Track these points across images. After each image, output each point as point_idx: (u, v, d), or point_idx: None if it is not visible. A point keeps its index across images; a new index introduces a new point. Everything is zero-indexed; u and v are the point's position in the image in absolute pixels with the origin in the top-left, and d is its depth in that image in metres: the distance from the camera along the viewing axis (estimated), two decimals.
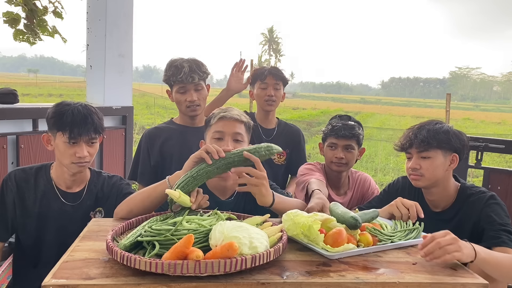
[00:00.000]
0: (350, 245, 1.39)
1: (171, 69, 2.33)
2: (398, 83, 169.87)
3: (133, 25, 3.86)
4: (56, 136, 1.81)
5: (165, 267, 1.13)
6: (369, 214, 1.65)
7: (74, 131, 1.76)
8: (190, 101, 2.34)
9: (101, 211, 1.98)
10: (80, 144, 1.80)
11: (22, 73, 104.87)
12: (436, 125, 1.91)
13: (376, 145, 12.32)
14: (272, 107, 2.77)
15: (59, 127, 1.78)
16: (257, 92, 2.76)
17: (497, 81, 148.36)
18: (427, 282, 1.25)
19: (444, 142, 1.86)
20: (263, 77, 2.73)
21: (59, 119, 1.78)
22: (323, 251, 1.37)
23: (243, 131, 1.90)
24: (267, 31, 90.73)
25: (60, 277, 1.15)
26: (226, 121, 1.87)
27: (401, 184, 2.11)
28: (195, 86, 2.34)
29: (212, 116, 1.93)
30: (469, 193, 1.90)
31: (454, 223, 1.89)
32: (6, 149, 2.74)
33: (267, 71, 2.74)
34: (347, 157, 2.30)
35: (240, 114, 1.92)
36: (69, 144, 1.78)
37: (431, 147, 1.86)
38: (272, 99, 2.73)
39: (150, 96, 26.02)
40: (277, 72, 2.75)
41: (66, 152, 1.80)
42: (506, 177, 3.01)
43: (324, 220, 1.48)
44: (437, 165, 1.87)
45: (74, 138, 1.78)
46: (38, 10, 3.16)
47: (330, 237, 1.41)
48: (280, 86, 2.77)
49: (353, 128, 2.30)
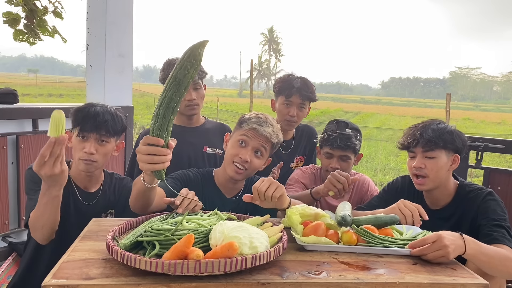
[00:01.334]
0: (322, 238, 1.46)
1: (170, 67, 2.31)
2: (398, 83, 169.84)
3: (133, 25, 3.86)
4: (72, 132, 1.87)
5: (165, 266, 1.13)
6: (382, 218, 1.63)
7: (85, 126, 1.82)
8: (189, 100, 2.33)
9: (112, 212, 2.00)
10: (90, 141, 1.83)
11: (22, 73, 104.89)
12: (440, 125, 1.91)
13: (376, 145, 12.32)
14: (291, 128, 2.63)
15: (74, 122, 1.86)
16: (280, 108, 2.59)
17: (497, 81, 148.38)
18: (427, 282, 1.25)
19: (449, 142, 1.86)
20: (289, 94, 2.52)
21: (75, 114, 1.85)
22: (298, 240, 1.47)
23: (266, 149, 1.91)
24: (267, 31, 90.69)
25: (60, 277, 1.15)
26: (256, 133, 1.88)
27: (400, 184, 2.11)
28: (194, 85, 2.33)
29: (247, 120, 1.92)
30: (468, 190, 1.90)
31: (453, 221, 1.89)
32: (6, 149, 2.74)
33: (295, 90, 2.51)
34: (342, 166, 2.29)
35: (273, 133, 1.90)
36: (79, 139, 1.83)
37: (437, 147, 1.86)
38: (294, 120, 2.55)
39: (150, 96, 26.04)
40: (305, 91, 2.53)
41: (76, 147, 1.85)
42: (506, 177, 3.00)
43: (314, 214, 1.59)
44: (441, 166, 1.86)
45: (83, 133, 1.82)
46: (38, 10, 3.16)
47: (309, 229, 1.51)
48: (306, 105, 2.59)
49: (349, 139, 2.25)
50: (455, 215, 1.90)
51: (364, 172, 8.59)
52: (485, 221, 1.75)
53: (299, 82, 2.54)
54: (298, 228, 1.54)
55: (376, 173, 8.61)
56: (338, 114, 29.22)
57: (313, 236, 1.47)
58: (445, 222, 1.90)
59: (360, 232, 1.52)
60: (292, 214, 1.57)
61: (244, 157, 1.84)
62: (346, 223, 1.56)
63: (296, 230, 1.54)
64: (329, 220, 1.61)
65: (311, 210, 1.60)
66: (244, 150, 1.87)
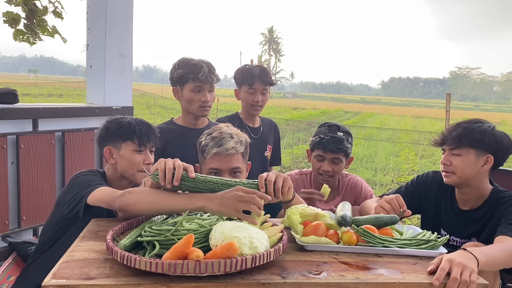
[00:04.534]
0: (322, 238, 1.46)
1: (188, 66, 2.31)
2: (398, 83, 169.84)
3: (133, 25, 3.86)
4: (117, 148, 1.88)
5: (165, 267, 1.13)
6: (382, 218, 1.64)
7: (142, 139, 1.87)
8: (204, 101, 2.34)
9: None
10: (146, 151, 1.90)
11: (22, 73, 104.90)
12: (475, 124, 1.88)
13: (376, 145, 12.30)
14: (258, 112, 2.76)
15: (122, 137, 1.88)
16: (244, 96, 2.71)
17: (497, 81, 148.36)
18: (427, 282, 1.25)
19: (476, 141, 1.84)
20: (252, 82, 2.65)
21: (119, 130, 1.89)
22: (298, 240, 1.47)
23: (240, 163, 1.83)
24: (267, 31, 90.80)
25: (60, 277, 1.15)
26: (222, 158, 1.79)
27: (430, 178, 2.08)
28: (209, 87, 2.36)
29: (206, 148, 1.82)
30: (501, 196, 1.88)
31: (480, 224, 1.88)
32: (6, 149, 2.73)
33: (256, 77, 2.64)
34: (334, 169, 2.31)
35: (236, 144, 1.80)
36: (135, 152, 1.88)
37: (462, 145, 1.85)
38: (259, 104, 2.69)
39: (150, 96, 26.05)
40: (266, 77, 2.67)
41: (134, 159, 1.87)
42: (506, 177, 3.00)
43: (314, 214, 1.59)
44: (468, 164, 1.85)
45: (140, 146, 1.88)
46: (38, 10, 3.16)
47: (309, 229, 1.51)
48: (268, 90, 2.73)
49: (341, 142, 2.27)
50: (483, 219, 1.89)
51: (364, 172, 8.58)
52: (503, 221, 1.74)
53: (258, 70, 2.68)
54: (298, 228, 1.54)
55: (376, 173, 8.60)
56: (338, 114, 29.23)
57: (313, 236, 1.47)
58: (473, 223, 1.90)
59: (360, 232, 1.52)
60: (292, 214, 1.57)
61: None
62: (346, 223, 1.56)
63: (296, 230, 1.54)
64: (329, 220, 1.61)
65: (311, 210, 1.60)
66: (221, 176, 1.76)
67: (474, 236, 1.91)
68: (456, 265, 1.29)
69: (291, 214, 1.57)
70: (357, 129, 16.17)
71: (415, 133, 16.62)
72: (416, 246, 1.51)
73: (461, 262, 1.30)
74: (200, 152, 1.88)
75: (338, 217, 1.58)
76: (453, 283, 1.26)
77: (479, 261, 1.37)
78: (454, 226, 1.79)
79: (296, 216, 1.56)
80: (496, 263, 1.48)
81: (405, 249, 1.47)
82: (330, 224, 1.59)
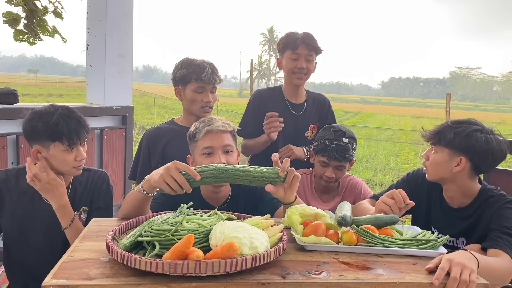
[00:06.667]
0: (322, 238, 1.46)
1: (191, 67, 2.31)
2: (398, 83, 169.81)
3: (133, 25, 3.86)
4: (46, 147, 1.76)
5: (166, 267, 1.13)
6: (382, 219, 1.64)
7: (72, 137, 1.76)
8: (206, 102, 2.34)
9: (85, 210, 1.92)
10: (78, 147, 1.80)
11: (22, 73, 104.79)
12: (461, 124, 1.86)
13: (376, 145, 12.30)
14: (302, 81, 2.58)
15: (53, 136, 1.75)
16: (287, 63, 2.54)
17: (497, 81, 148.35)
18: (427, 282, 1.25)
19: (447, 141, 1.84)
20: (295, 46, 2.49)
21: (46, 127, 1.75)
22: (298, 240, 1.47)
23: (231, 141, 1.87)
24: (267, 31, 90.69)
25: (60, 277, 1.15)
26: (214, 135, 1.83)
27: (421, 176, 2.06)
28: (212, 88, 2.35)
29: (197, 131, 1.86)
30: (489, 195, 1.88)
31: (469, 222, 1.89)
32: (6, 149, 2.74)
33: (299, 40, 2.48)
34: (337, 175, 2.32)
35: (225, 123, 1.87)
36: (67, 150, 1.77)
37: (438, 143, 1.87)
38: (303, 71, 2.52)
39: (150, 96, 26.04)
40: (311, 41, 2.50)
41: (65, 157, 1.78)
42: (506, 177, 3.01)
43: (314, 214, 1.59)
44: (439, 162, 1.86)
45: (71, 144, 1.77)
46: (38, 10, 3.17)
47: (309, 229, 1.51)
48: (313, 57, 2.55)
49: (347, 151, 2.26)
50: (472, 217, 1.89)
51: (364, 172, 8.59)
52: (496, 226, 1.74)
53: (303, 34, 2.53)
54: (298, 228, 1.54)
55: (376, 173, 8.60)
56: (338, 114, 29.18)
57: (313, 236, 1.47)
58: (462, 221, 1.90)
59: (360, 232, 1.51)
60: (292, 214, 1.57)
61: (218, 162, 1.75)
62: (346, 223, 1.56)
63: (296, 230, 1.54)
64: (329, 220, 1.61)
65: (311, 210, 1.60)
66: (215, 157, 1.81)
67: (464, 234, 1.92)
68: (456, 264, 1.29)
69: (291, 214, 1.57)
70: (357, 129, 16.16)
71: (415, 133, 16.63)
72: (416, 246, 1.50)
73: (460, 262, 1.30)
74: (192, 138, 1.90)
75: (338, 217, 1.58)
76: (453, 283, 1.26)
77: (479, 262, 1.37)
78: (443, 223, 1.78)
79: (296, 216, 1.56)
80: (492, 272, 1.48)
81: (405, 249, 1.47)
82: (330, 224, 1.59)
